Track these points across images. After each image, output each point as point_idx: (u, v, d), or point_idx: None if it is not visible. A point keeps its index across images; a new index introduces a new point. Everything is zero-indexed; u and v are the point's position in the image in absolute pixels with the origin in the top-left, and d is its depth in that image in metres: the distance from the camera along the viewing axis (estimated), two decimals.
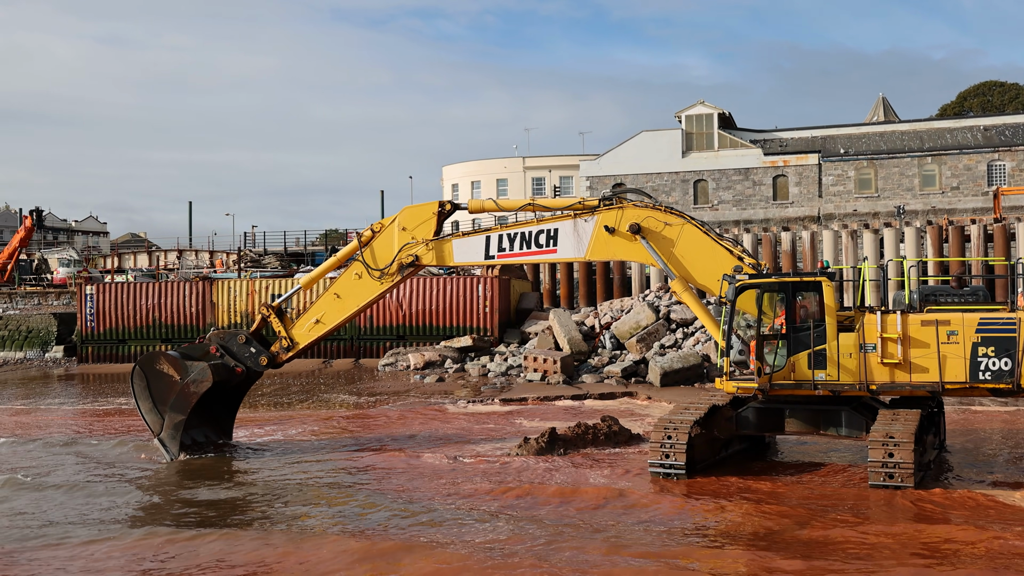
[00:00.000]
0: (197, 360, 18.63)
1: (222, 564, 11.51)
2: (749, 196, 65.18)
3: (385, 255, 18.57)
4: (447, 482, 16.01)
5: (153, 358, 18.81)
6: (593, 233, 17.43)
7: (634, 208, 17.20)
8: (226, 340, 19.00)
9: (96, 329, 42.22)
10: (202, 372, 18.40)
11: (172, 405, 18.39)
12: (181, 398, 18.38)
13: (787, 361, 15.68)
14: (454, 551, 11.70)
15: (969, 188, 61.49)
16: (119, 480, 17.01)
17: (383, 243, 18.60)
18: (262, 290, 41.56)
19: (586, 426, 19.35)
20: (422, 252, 18.41)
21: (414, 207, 18.71)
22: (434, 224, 18.49)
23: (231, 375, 18.77)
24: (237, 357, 18.86)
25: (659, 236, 16.96)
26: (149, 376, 18.60)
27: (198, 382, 18.37)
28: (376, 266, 18.45)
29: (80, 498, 15.48)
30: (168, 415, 18.42)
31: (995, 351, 14.96)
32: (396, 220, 18.66)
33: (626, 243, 17.20)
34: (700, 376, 29.47)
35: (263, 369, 19.08)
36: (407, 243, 18.39)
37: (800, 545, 11.87)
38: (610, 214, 17.29)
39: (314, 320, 18.93)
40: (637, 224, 17.01)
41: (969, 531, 12.34)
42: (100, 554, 12.17)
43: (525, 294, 41.61)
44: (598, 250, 17.53)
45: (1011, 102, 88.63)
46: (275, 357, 18.93)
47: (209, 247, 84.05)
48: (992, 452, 18.06)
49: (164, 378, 18.54)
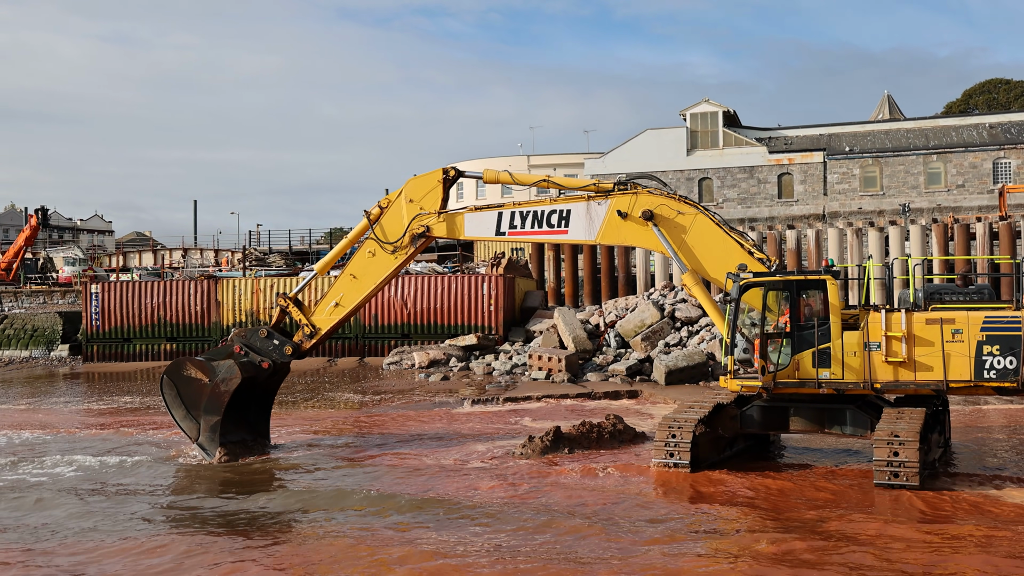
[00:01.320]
0: (223, 361, 18.55)
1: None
2: (754, 194, 65.10)
3: (396, 229, 18.41)
4: (463, 485, 16.00)
5: (179, 365, 18.70)
6: (605, 217, 17.35)
7: (648, 195, 17.15)
8: (248, 337, 18.85)
9: (101, 328, 42.30)
10: (230, 370, 18.30)
11: (205, 408, 18.28)
12: (213, 399, 18.26)
13: (791, 359, 15.66)
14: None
15: (974, 186, 61.35)
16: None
17: (392, 218, 18.48)
18: (267, 289, 41.63)
19: (591, 425, 19.33)
20: (433, 223, 18.28)
21: (419, 177, 18.52)
22: (440, 193, 18.35)
23: (259, 370, 18.64)
24: (262, 352, 18.70)
25: (671, 224, 16.90)
26: (178, 383, 18.48)
27: (227, 380, 18.26)
28: (388, 241, 18.38)
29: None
30: (203, 418, 18.31)
31: (1000, 349, 14.93)
32: (402, 193, 18.50)
33: (638, 229, 17.13)
34: (705, 374, 29.45)
35: (289, 359, 18.90)
36: (417, 214, 18.28)
37: (809, 542, 11.86)
38: (624, 199, 17.23)
39: (333, 303, 18.78)
40: (650, 211, 16.95)
41: (973, 530, 12.32)
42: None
43: (530, 292, 41.61)
44: (609, 234, 17.45)
45: (1017, 99, 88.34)
46: (299, 346, 18.79)
47: (214, 246, 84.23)
48: (997, 451, 18.02)
49: (193, 383, 18.42)
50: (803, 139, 67.11)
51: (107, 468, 17.94)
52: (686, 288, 17.06)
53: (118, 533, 13.19)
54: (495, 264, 42.13)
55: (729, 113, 66.72)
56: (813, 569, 10.84)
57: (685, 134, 66.48)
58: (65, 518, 14.13)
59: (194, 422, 18.40)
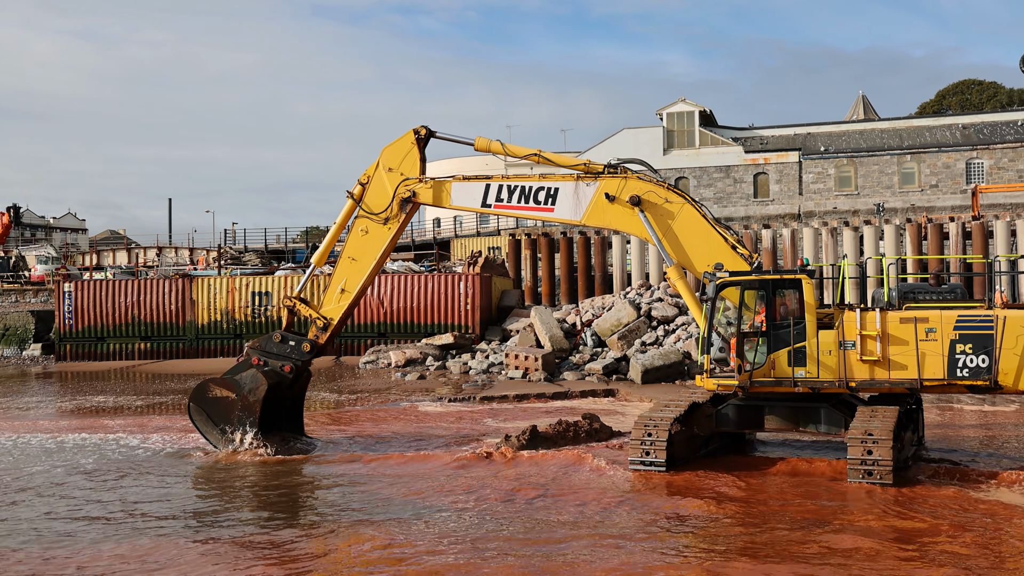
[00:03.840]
0: (245, 373, 18.26)
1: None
2: (730, 193, 65.42)
3: (382, 201, 18.25)
4: (434, 485, 15.94)
5: (202, 388, 18.38)
6: (593, 198, 17.30)
7: (638, 180, 17.14)
8: (264, 346, 18.54)
9: (75, 327, 41.89)
10: (254, 379, 18.06)
11: (238, 421, 18.01)
12: (245, 410, 18.02)
13: (767, 358, 15.73)
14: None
15: (948, 186, 61.96)
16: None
17: (376, 191, 18.34)
18: (242, 287, 41.36)
19: (567, 424, 19.33)
20: (420, 188, 18.17)
21: (392, 144, 18.35)
22: (417, 154, 18.24)
23: (282, 376, 18.39)
24: (280, 356, 18.39)
25: (658, 211, 16.88)
26: (205, 406, 18.22)
27: (254, 389, 18.00)
28: (377, 213, 18.20)
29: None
30: (238, 432, 18.02)
31: (973, 348, 15.06)
32: (379, 163, 18.36)
33: (624, 213, 17.09)
34: (681, 373, 29.54)
35: (309, 357, 18.60)
36: (401, 180, 18.15)
37: (778, 539, 11.91)
38: (613, 182, 17.19)
39: (339, 290, 18.56)
40: (638, 196, 16.92)
41: (945, 527, 12.42)
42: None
43: (507, 291, 41.59)
44: (595, 216, 17.38)
45: (989, 100, 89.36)
46: (315, 341, 18.51)
47: (189, 244, 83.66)
48: (970, 449, 18.18)
49: (220, 402, 18.17)
50: (778, 139, 67.50)
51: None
52: (670, 282, 17.06)
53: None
54: (472, 263, 42.08)
55: (705, 113, 66.99)
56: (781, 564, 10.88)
57: (662, 133, 66.68)
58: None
59: (230, 438, 18.13)
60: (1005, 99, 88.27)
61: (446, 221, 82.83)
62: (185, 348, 41.37)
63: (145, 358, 41.31)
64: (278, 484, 16.08)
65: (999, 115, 67.06)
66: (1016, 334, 14.97)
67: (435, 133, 18.48)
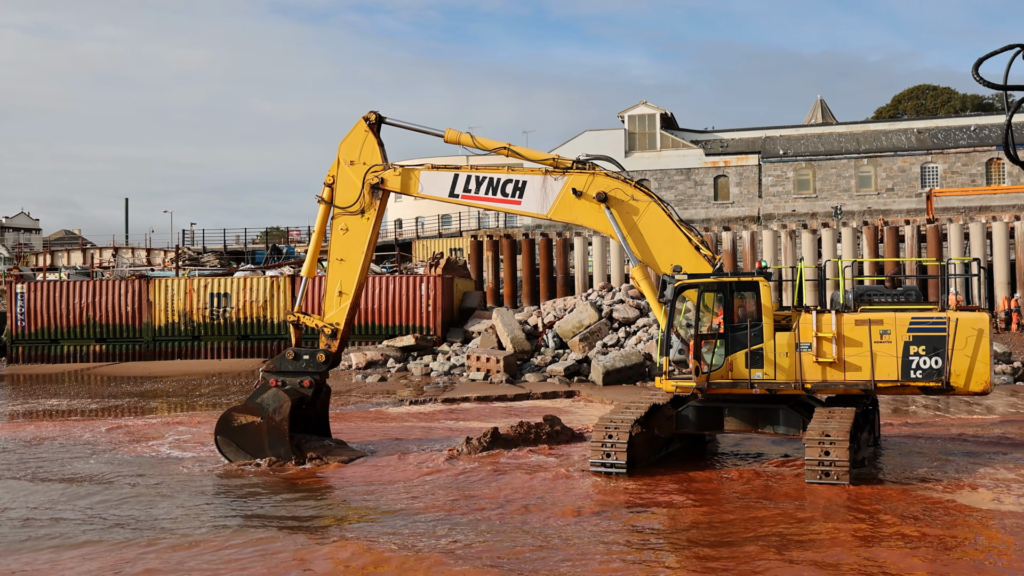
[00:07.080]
0: (265, 395, 17.93)
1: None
2: (691, 196, 65.91)
3: (353, 195, 18.17)
4: (400, 492, 15.86)
5: (227, 419, 17.96)
6: (560, 193, 17.34)
7: (605, 177, 17.21)
8: (278, 366, 18.24)
9: (27, 329, 41.15)
10: (276, 398, 17.78)
11: (270, 444, 17.65)
12: (273, 432, 17.69)
13: (725, 360, 15.85)
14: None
15: (903, 189, 62.94)
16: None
17: (344, 187, 18.25)
18: (200, 289, 40.89)
19: (528, 426, 19.33)
20: (388, 175, 18.10)
21: (346, 138, 18.29)
22: (374, 140, 18.20)
23: (303, 392, 18.09)
24: (296, 373, 18.10)
25: (624, 208, 16.96)
26: (233, 436, 17.82)
27: (279, 409, 17.72)
28: (350, 206, 18.08)
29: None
30: (271, 454, 17.66)
31: (926, 350, 15.29)
32: (339, 161, 18.33)
33: (590, 209, 17.16)
34: (642, 375, 29.70)
35: (325, 367, 18.32)
36: (368, 169, 18.06)
37: (735, 537, 12.00)
38: (580, 178, 17.26)
39: (337, 293, 18.36)
40: (605, 193, 16.98)
41: (899, 525, 12.60)
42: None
43: (468, 293, 41.55)
44: (561, 211, 17.43)
45: (943, 106, 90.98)
46: (328, 351, 18.28)
47: (146, 245, 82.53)
48: (922, 449, 18.47)
49: (247, 428, 17.82)
50: (738, 142, 68.16)
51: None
52: (634, 282, 17.14)
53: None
54: (433, 264, 41.99)
55: (666, 115, 67.46)
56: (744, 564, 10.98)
57: (623, 136, 67.02)
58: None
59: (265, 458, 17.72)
60: (959, 104, 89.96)
61: (408, 222, 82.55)
62: (142, 350, 40.80)
63: (101, 360, 40.67)
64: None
65: (953, 120, 68.31)
66: (967, 336, 15.23)
67: (385, 118, 18.44)
